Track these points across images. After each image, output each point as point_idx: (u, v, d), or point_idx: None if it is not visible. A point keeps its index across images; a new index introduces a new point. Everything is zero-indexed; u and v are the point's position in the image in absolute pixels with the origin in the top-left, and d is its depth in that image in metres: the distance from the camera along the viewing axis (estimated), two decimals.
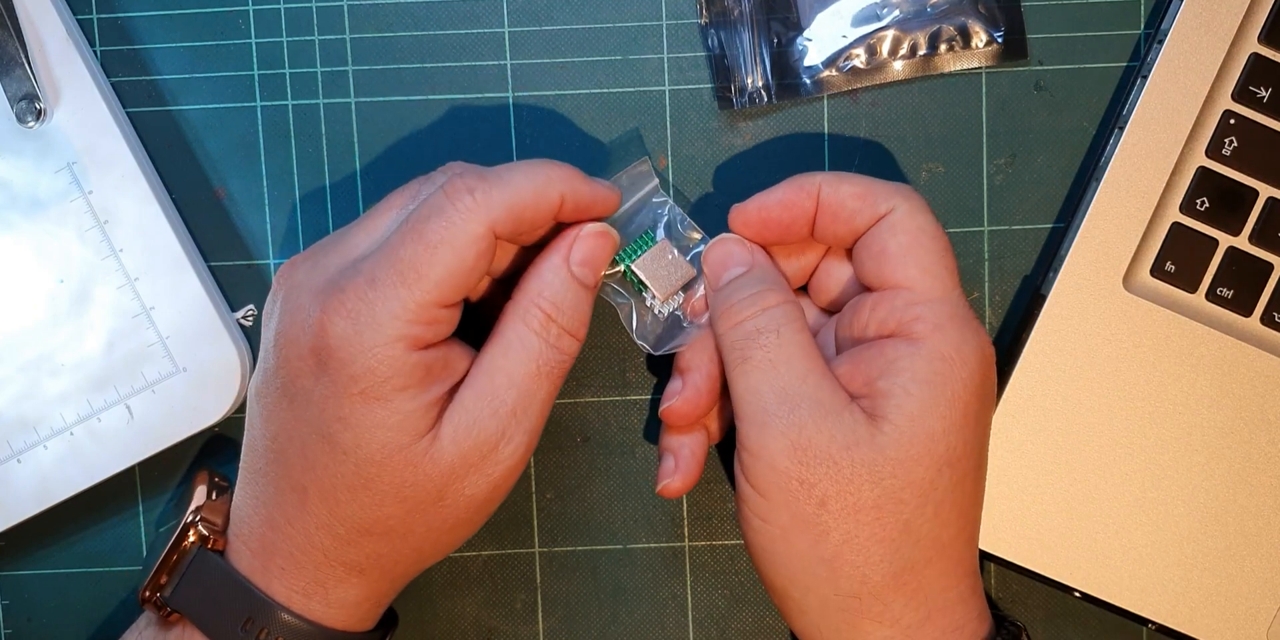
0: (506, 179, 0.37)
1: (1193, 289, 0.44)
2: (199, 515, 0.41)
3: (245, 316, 0.46)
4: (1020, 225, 0.46)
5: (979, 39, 0.45)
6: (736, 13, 0.45)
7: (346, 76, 0.46)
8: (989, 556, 0.44)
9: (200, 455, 0.47)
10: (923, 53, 0.45)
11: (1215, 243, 0.44)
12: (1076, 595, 0.44)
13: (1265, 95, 0.44)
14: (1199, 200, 0.44)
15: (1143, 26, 0.46)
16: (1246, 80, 0.44)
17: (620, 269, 0.42)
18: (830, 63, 0.45)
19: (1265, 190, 0.44)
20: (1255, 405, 0.44)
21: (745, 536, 0.39)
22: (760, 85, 0.45)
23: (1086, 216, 0.44)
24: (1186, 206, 0.44)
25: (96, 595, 0.47)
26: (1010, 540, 0.44)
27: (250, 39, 0.46)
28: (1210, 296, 0.44)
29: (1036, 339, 0.44)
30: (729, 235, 0.42)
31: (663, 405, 0.41)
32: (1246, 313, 0.44)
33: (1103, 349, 0.44)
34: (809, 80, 0.45)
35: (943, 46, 0.45)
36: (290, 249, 0.46)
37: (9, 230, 0.45)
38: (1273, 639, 0.44)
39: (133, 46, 0.46)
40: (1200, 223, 0.44)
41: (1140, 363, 0.44)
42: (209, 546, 0.40)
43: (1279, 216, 0.44)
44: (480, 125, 0.46)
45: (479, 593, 0.47)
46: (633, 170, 0.42)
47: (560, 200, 0.38)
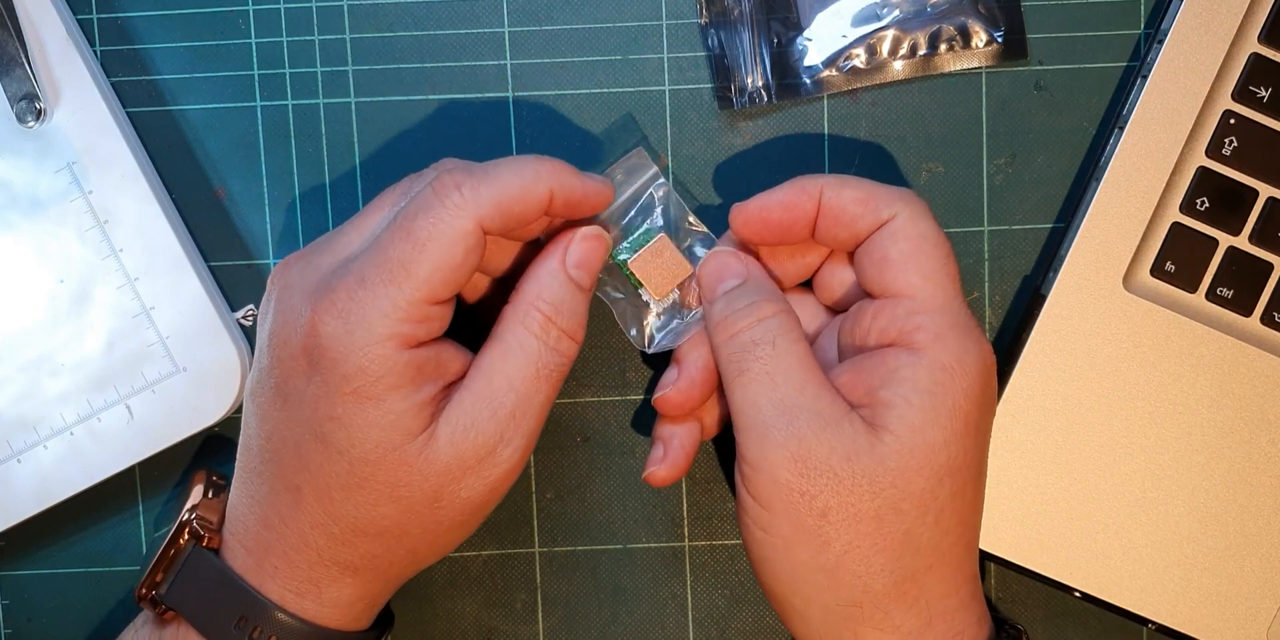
0: (494, 174, 0.37)
1: (1193, 289, 0.44)
2: (195, 513, 0.41)
3: (245, 316, 0.46)
4: (1020, 225, 0.46)
5: (979, 39, 0.45)
6: (736, 13, 0.45)
7: (346, 76, 0.46)
8: (990, 556, 0.44)
9: (199, 455, 0.47)
10: (923, 53, 0.45)
11: (1215, 243, 0.44)
12: (1076, 595, 0.44)
13: (1265, 95, 0.44)
14: (1199, 200, 0.44)
15: (1143, 26, 0.46)
16: (1246, 80, 0.44)
17: (617, 263, 0.42)
18: (830, 63, 0.45)
19: (1265, 190, 0.44)
20: (1255, 405, 0.44)
21: (747, 546, 0.39)
22: (760, 85, 0.45)
23: (1086, 216, 0.44)
24: (1186, 206, 0.44)
25: (96, 595, 0.47)
26: (1010, 540, 0.44)
27: (250, 39, 0.46)
28: (1210, 296, 0.44)
29: (1036, 339, 0.44)
30: (723, 248, 0.42)
31: (656, 393, 0.41)
32: (1246, 313, 0.44)
33: (1103, 349, 0.44)
34: (809, 80, 0.45)
35: (943, 46, 0.45)
36: (290, 249, 0.46)
37: (9, 230, 0.45)
38: (1273, 639, 0.44)
39: (133, 46, 0.46)
40: (1200, 223, 0.44)
41: (1140, 363, 0.44)
42: (204, 545, 0.40)
43: (1279, 216, 0.44)
44: (480, 125, 0.46)
45: (479, 592, 0.47)
46: (628, 161, 0.42)
47: (549, 195, 0.38)
